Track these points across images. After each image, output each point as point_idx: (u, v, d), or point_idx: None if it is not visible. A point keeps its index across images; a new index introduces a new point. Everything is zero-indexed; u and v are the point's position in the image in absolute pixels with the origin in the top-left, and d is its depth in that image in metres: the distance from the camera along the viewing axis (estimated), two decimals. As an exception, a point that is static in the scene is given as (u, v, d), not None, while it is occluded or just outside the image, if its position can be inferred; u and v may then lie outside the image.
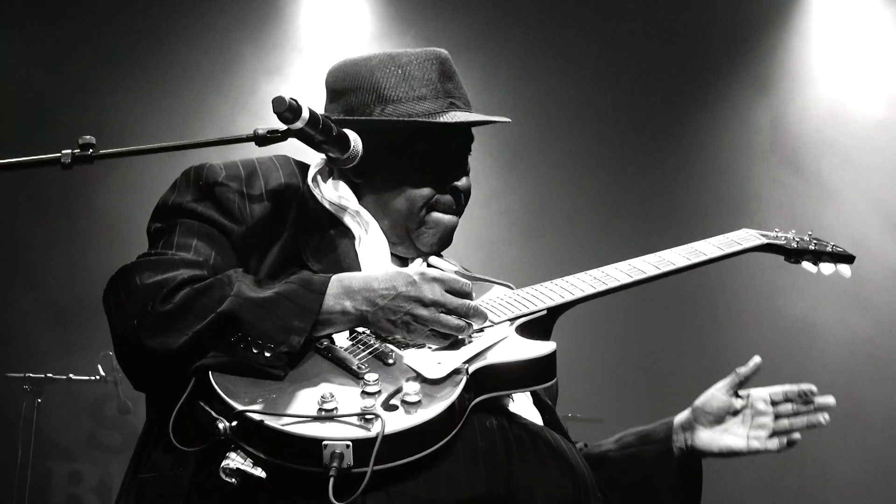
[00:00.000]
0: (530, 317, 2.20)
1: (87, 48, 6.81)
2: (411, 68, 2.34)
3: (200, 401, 1.84)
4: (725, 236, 2.57)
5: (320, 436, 1.76)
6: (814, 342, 7.13)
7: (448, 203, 2.36)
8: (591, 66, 7.50)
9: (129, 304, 1.97)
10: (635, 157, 7.53)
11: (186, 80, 6.97)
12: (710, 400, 2.45)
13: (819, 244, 2.71)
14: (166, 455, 1.96)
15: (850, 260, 2.72)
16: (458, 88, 2.38)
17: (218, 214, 2.17)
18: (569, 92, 7.41)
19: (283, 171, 2.31)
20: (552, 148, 7.44)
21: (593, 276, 2.33)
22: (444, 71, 2.37)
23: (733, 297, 7.25)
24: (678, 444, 2.46)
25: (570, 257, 6.93)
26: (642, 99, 7.56)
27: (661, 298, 7.11)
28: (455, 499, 1.87)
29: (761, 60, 7.60)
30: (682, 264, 2.42)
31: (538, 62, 7.44)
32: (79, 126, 3.14)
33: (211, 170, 2.23)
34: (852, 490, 6.88)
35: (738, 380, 2.44)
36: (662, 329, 7.13)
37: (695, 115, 7.59)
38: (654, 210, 7.33)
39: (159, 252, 2.11)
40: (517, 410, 2.16)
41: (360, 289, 2.00)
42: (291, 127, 2.07)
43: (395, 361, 1.97)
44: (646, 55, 7.51)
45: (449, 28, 7.10)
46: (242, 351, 1.88)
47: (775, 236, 2.66)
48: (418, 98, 2.31)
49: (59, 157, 2.01)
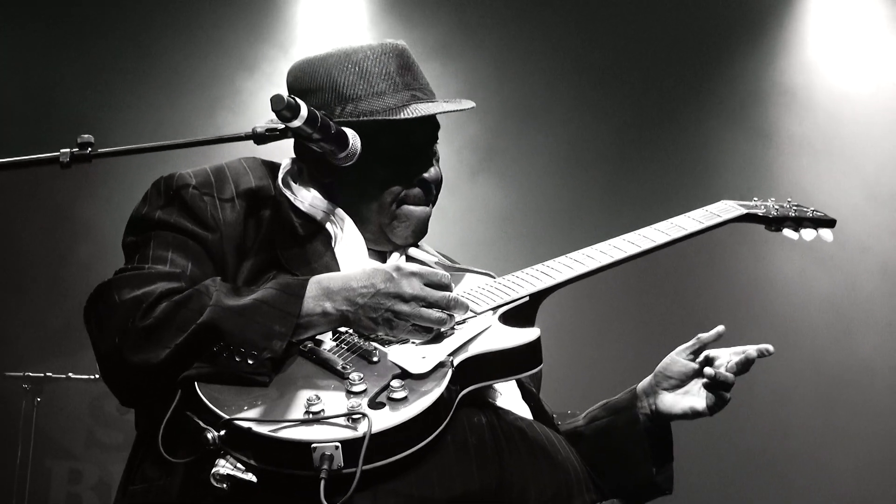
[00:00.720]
0: (513, 304, 2.20)
1: (83, 48, 6.80)
2: (368, 64, 2.33)
3: (188, 411, 1.85)
4: (705, 209, 2.56)
5: (308, 439, 1.76)
6: (813, 333, 7.16)
7: (417, 195, 2.36)
8: (585, 60, 7.49)
9: (109, 322, 1.97)
10: (628, 152, 7.52)
11: (185, 79, 6.97)
12: (670, 364, 2.48)
13: (799, 210, 2.70)
14: (155, 466, 1.97)
15: (831, 224, 2.72)
16: (417, 79, 2.37)
17: (191, 223, 2.17)
18: (558, 86, 7.41)
19: (253, 175, 2.31)
20: (539, 144, 7.43)
21: (573, 259, 2.33)
22: (401, 63, 2.36)
23: (732, 292, 7.25)
24: (643, 410, 2.48)
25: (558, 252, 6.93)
26: (635, 93, 7.54)
27: (658, 292, 7.12)
28: (448, 495, 1.87)
29: (757, 53, 7.60)
30: (662, 240, 2.41)
31: (533, 58, 7.43)
32: (76, 125, 3.14)
33: (180, 178, 2.23)
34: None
35: (698, 345, 2.47)
36: (659, 324, 7.11)
37: (690, 109, 7.58)
38: (647, 206, 7.32)
39: (136, 266, 2.10)
40: (505, 405, 2.17)
41: (339, 289, 1.99)
42: (290, 125, 2.06)
43: (380, 359, 1.97)
44: (639, 50, 7.51)
45: (440, 28, 7.10)
46: (226, 360, 1.88)
47: (755, 205, 2.65)
48: (377, 94, 2.30)
49: (57, 156, 2.01)
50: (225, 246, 2.17)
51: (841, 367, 7.06)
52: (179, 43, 6.94)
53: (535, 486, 1.99)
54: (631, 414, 2.49)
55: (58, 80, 6.74)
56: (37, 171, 2.10)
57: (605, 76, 7.50)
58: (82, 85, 6.74)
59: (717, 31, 7.54)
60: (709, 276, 7.27)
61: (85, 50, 6.80)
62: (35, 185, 6.42)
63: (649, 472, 2.43)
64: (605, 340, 7.17)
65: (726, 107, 7.50)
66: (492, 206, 7.35)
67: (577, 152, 7.41)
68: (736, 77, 7.52)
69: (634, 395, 2.52)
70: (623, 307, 7.22)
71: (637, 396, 2.51)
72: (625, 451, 2.46)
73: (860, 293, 7.19)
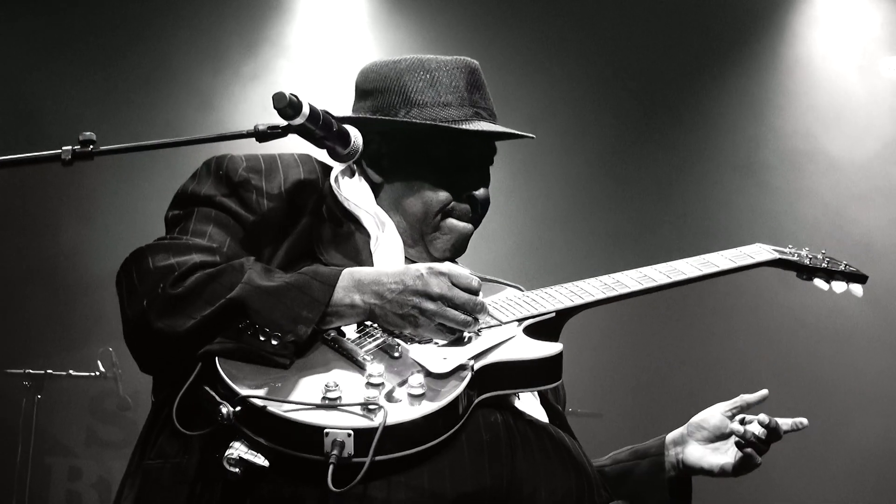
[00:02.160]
0: (538, 318, 2.21)
1: (83, 46, 6.80)
2: (439, 74, 2.36)
3: (205, 385, 1.86)
4: (738, 249, 2.59)
5: (322, 424, 1.78)
6: (817, 342, 7.15)
7: (464, 211, 2.37)
8: (592, 61, 7.49)
9: (140, 285, 1.99)
10: (648, 166, 7.50)
11: (185, 78, 6.97)
12: (708, 417, 2.48)
13: (832, 262, 2.72)
14: (172, 440, 1.98)
15: (862, 280, 2.73)
16: (484, 99, 2.40)
17: (235, 204, 2.19)
18: (579, 94, 7.41)
19: (303, 169, 2.31)
20: (559, 156, 7.42)
21: (603, 283, 2.36)
22: (472, 81, 2.39)
23: (735, 296, 7.25)
24: (670, 460, 2.49)
25: (580, 268, 6.95)
26: (653, 102, 7.54)
27: (663, 296, 7.10)
28: (458, 490, 1.88)
29: (766, 55, 7.60)
30: (692, 274, 2.45)
31: (538, 66, 7.42)
32: (76, 123, 3.14)
33: (232, 161, 2.25)
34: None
35: (741, 404, 2.46)
36: (663, 325, 7.12)
37: (709, 118, 7.57)
38: (667, 222, 7.34)
39: (174, 237, 2.13)
40: (522, 408, 2.16)
41: (369, 282, 2.00)
42: (292, 123, 2.06)
43: (401, 355, 1.98)
44: (651, 59, 7.49)
45: (444, 33, 7.09)
46: (250, 338, 1.89)
47: (789, 252, 2.67)
48: (444, 104, 2.33)
49: (59, 153, 2.01)
50: (265, 231, 2.19)
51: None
52: (178, 41, 6.93)
53: (546, 486, 2.00)
54: (657, 461, 2.49)
55: (57, 78, 6.73)
56: (39, 168, 2.09)
57: (616, 79, 7.49)
58: (82, 83, 6.73)
59: (724, 32, 7.54)
60: (731, 306, 7.24)
61: (85, 49, 6.80)
62: (36, 182, 6.41)
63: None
64: (615, 339, 7.17)
65: (736, 110, 7.51)
66: (509, 221, 7.35)
67: (580, 152, 7.42)
68: (741, 77, 7.52)
69: (663, 442, 2.52)
70: (635, 310, 7.20)
71: (665, 445, 2.52)
72: (644, 497, 2.46)
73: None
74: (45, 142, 2.06)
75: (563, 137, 7.30)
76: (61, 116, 6.52)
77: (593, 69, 7.49)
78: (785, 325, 7.15)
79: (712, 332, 7.18)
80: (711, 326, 7.19)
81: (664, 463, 2.48)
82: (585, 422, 5.71)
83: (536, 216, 7.44)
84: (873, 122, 7.33)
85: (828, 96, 7.46)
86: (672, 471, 2.48)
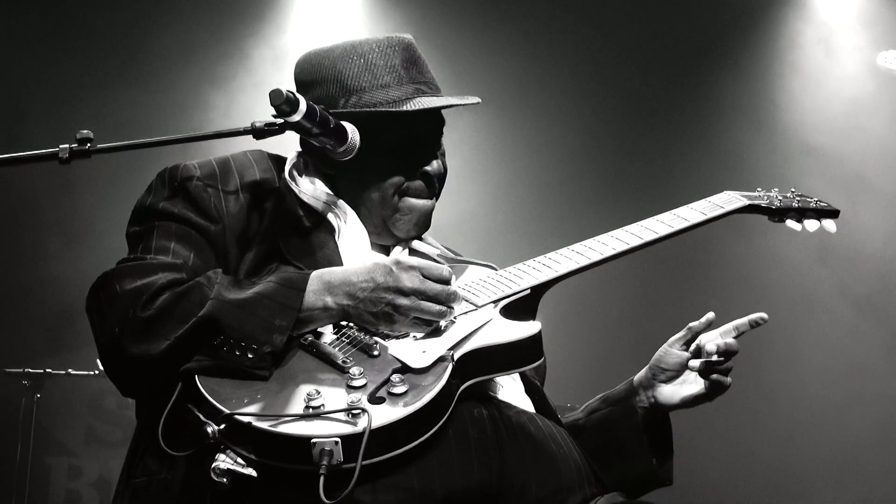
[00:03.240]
0: (514, 297, 2.19)
1: (80, 44, 6.79)
2: (373, 57, 2.33)
3: (189, 404, 1.85)
4: (707, 200, 2.55)
5: (308, 434, 1.76)
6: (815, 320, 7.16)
7: (419, 188, 2.35)
8: (588, 49, 7.49)
9: (109, 311, 1.97)
10: (633, 142, 7.53)
11: (180, 78, 6.96)
12: (664, 356, 2.48)
13: (802, 200, 2.69)
14: (156, 459, 1.96)
15: (834, 214, 2.70)
16: (422, 73, 2.37)
17: (194, 214, 2.17)
18: (559, 76, 7.41)
19: (258, 167, 2.30)
20: (547, 136, 7.43)
21: (575, 251, 2.32)
22: (407, 57, 2.36)
23: (731, 284, 7.26)
24: (641, 403, 2.48)
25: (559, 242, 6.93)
26: (639, 82, 7.55)
27: (656, 284, 7.13)
28: (448, 489, 1.87)
29: (759, 42, 7.60)
30: (665, 232, 2.40)
31: (533, 54, 7.43)
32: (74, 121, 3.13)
33: (185, 169, 2.23)
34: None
35: (689, 335, 2.45)
36: (657, 317, 7.12)
37: (694, 99, 7.58)
38: (650, 195, 7.32)
39: (138, 257, 2.10)
40: (507, 398, 2.16)
41: (339, 283, 1.99)
42: (289, 120, 2.06)
43: (380, 353, 1.97)
44: (642, 40, 7.50)
45: (443, 33, 7.09)
46: (226, 353, 1.88)
47: (757, 196, 2.63)
48: (382, 86, 2.30)
49: (56, 151, 2.00)
50: (227, 237, 2.17)
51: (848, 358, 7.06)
52: (176, 41, 6.93)
53: (536, 479, 1.99)
54: (628, 405, 2.49)
55: (56, 76, 6.73)
56: (34, 168, 2.09)
57: (608, 65, 7.50)
58: (79, 81, 6.73)
59: (720, 27, 7.54)
60: (710, 267, 7.27)
61: (81, 46, 6.79)
62: (32, 181, 6.41)
63: (649, 462, 2.43)
64: (605, 331, 7.18)
65: (730, 99, 7.50)
66: (492, 198, 7.35)
67: (578, 142, 7.42)
68: (740, 69, 7.52)
69: (632, 386, 2.52)
70: (623, 299, 7.23)
71: (634, 389, 2.51)
72: (623, 443, 2.45)
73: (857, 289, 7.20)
74: (32, 142, 2.05)
75: (542, 114, 7.31)
76: (52, 116, 6.52)
77: (593, 63, 7.50)
78: (797, 312, 7.16)
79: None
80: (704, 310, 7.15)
81: (636, 407, 2.47)
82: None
83: (528, 189, 7.44)
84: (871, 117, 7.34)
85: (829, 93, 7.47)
86: (647, 414, 2.47)
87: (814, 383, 7.07)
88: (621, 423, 2.48)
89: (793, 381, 7.03)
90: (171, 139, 2.11)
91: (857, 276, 7.20)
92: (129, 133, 3.45)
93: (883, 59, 7.07)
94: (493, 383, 2.17)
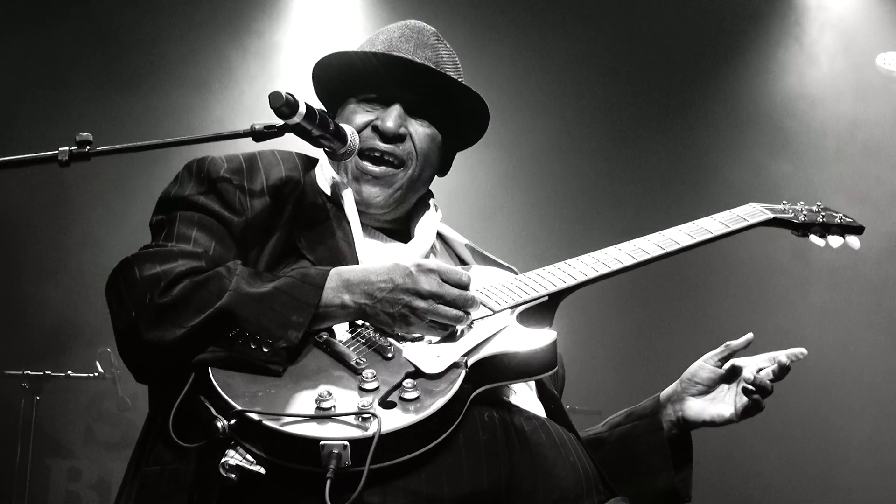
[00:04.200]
0: (531, 303, 2.18)
1: (80, 46, 6.78)
2: (380, 34, 2.41)
3: (201, 395, 1.84)
4: (731, 212, 2.53)
5: (317, 436, 1.76)
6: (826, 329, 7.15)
7: (366, 149, 2.34)
8: (590, 49, 7.49)
9: (128, 296, 1.97)
10: (638, 141, 7.52)
11: (180, 79, 6.96)
12: (698, 370, 2.46)
13: (828, 215, 2.66)
14: (168, 448, 1.96)
15: (859, 231, 2.68)
16: (412, 45, 2.37)
17: (218, 206, 2.17)
18: (563, 78, 7.41)
19: (284, 166, 2.31)
20: (554, 136, 7.44)
21: (596, 259, 2.30)
22: (404, 34, 2.38)
23: (736, 287, 7.24)
24: (667, 418, 2.47)
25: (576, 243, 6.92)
26: (642, 81, 7.55)
27: (662, 288, 7.11)
28: (457, 493, 1.86)
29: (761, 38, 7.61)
30: (686, 243, 2.39)
31: (533, 53, 7.43)
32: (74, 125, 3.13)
33: (213, 162, 2.24)
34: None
35: (727, 352, 2.44)
36: (662, 320, 7.12)
37: (697, 97, 7.58)
38: (661, 195, 7.34)
39: (159, 244, 2.10)
40: (519, 403, 2.15)
41: (358, 282, 1.98)
42: (288, 122, 2.06)
43: (395, 355, 1.96)
44: (647, 40, 7.50)
45: (441, 33, 7.07)
46: (241, 346, 1.87)
47: (783, 209, 2.61)
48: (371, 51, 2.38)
49: (56, 154, 2.01)
50: (249, 231, 2.17)
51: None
52: (175, 40, 6.92)
53: (544, 485, 1.98)
54: (654, 420, 2.47)
55: (55, 78, 6.73)
56: (35, 170, 2.09)
57: (611, 67, 7.49)
58: (79, 83, 6.73)
59: (723, 28, 7.53)
60: (725, 273, 7.24)
61: (81, 49, 6.79)
62: (33, 183, 6.40)
63: (670, 478, 2.42)
64: (614, 337, 7.17)
65: (732, 101, 7.51)
66: (498, 201, 7.36)
67: (594, 144, 7.43)
68: (741, 72, 7.52)
69: (658, 402, 2.50)
70: (633, 306, 7.20)
71: (661, 404, 2.49)
72: (646, 458, 2.44)
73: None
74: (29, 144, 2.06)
75: (560, 119, 7.31)
76: (59, 116, 6.52)
77: (596, 60, 7.50)
78: (803, 313, 7.15)
79: (715, 326, 7.15)
80: (714, 320, 7.14)
81: (662, 422, 2.46)
82: (584, 419, 5.69)
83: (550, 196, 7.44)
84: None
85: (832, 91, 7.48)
86: (673, 429, 2.46)
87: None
88: (645, 438, 2.46)
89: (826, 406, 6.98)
90: (169, 142, 2.11)
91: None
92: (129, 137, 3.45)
93: (882, 60, 7.08)
94: (506, 388, 2.16)
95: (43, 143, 2.15)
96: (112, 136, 2.50)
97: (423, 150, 2.36)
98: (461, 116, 2.44)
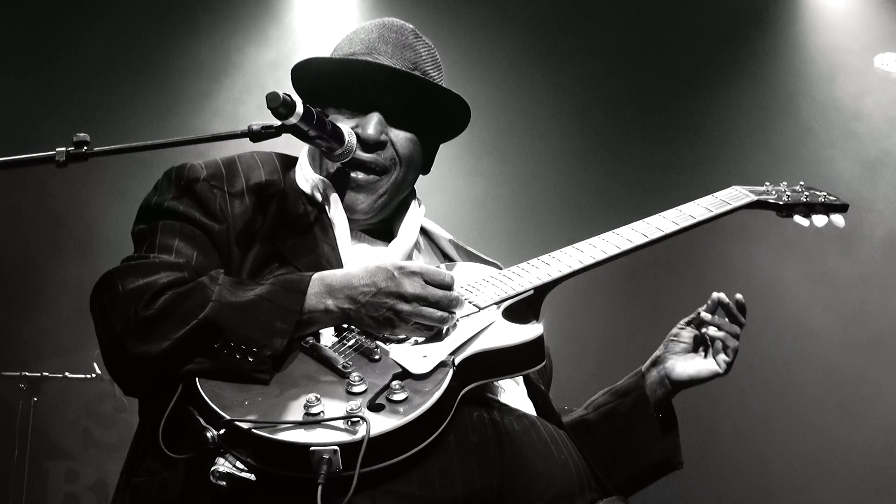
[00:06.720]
0: (517, 298, 2.17)
1: (79, 47, 6.78)
2: (357, 33, 2.39)
3: (190, 406, 1.84)
4: (714, 196, 2.53)
5: (307, 442, 1.75)
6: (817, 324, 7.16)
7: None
8: (591, 43, 7.49)
9: (112, 310, 1.97)
10: (633, 141, 7.53)
11: (180, 80, 6.96)
12: (677, 332, 2.50)
13: (811, 194, 2.66)
14: (158, 459, 1.96)
15: (843, 209, 2.67)
16: (389, 46, 2.34)
17: (199, 213, 2.16)
18: (563, 72, 7.41)
19: (264, 169, 2.30)
20: (544, 135, 7.43)
21: (579, 250, 2.30)
22: (382, 35, 2.36)
23: (729, 284, 7.23)
24: (651, 380, 2.49)
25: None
26: (639, 81, 7.55)
27: (653, 287, 7.11)
28: (449, 495, 1.86)
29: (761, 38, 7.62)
30: (670, 229, 2.38)
31: (532, 53, 7.43)
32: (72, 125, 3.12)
33: (192, 169, 2.23)
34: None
35: (700, 317, 2.47)
36: (656, 320, 7.10)
37: (695, 97, 7.58)
38: (655, 194, 7.34)
39: (141, 256, 2.10)
40: (509, 401, 2.15)
41: (341, 286, 1.98)
42: (286, 122, 2.06)
43: (381, 357, 1.96)
44: (649, 32, 7.50)
45: (440, 33, 7.07)
46: (227, 357, 1.88)
47: (765, 191, 2.61)
48: (348, 53, 2.36)
49: (53, 154, 2.00)
50: (231, 238, 2.17)
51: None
52: (174, 40, 6.92)
53: (536, 485, 1.97)
54: (640, 394, 2.48)
55: (53, 78, 6.72)
56: (31, 171, 2.08)
57: (611, 59, 7.48)
58: (77, 84, 6.72)
59: (723, 28, 7.53)
60: (710, 267, 7.25)
61: (80, 49, 6.78)
62: (30, 184, 6.40)
63: (662, 450, 2.44)
64: (604, 333, 7.17)
65: (731, 101, 7.51)
66: (495, 195, 7.35)
67: (580, 139, 7.42)
68: (740, 72, 7.52)
69: (640, 373, 2.52)
70: (623, 299, 7.22)
71: (644, 373, 2.51)
72: (636, 433, 2.45)
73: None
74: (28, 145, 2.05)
75: (546, 111, 7.31)
76: (58, 116, 6.51)
77: (594, 63, 7.50)
78: (798, 314, 7.14)
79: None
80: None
81: (646, 391, 2.48)
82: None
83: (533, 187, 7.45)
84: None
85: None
86: (658, 389, 2.47)
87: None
88: (633, 413, 2.47)
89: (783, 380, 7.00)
90: (166, 142, 2.10)
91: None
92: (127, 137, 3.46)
93: (880, 61, 7.08)
94: (495, 386, 2.16)
95: (40, 144, 2.14)
96: (112, 136, 2.49)
97: (405, 154, 2.34)
98: (442, 113, 2.43)
